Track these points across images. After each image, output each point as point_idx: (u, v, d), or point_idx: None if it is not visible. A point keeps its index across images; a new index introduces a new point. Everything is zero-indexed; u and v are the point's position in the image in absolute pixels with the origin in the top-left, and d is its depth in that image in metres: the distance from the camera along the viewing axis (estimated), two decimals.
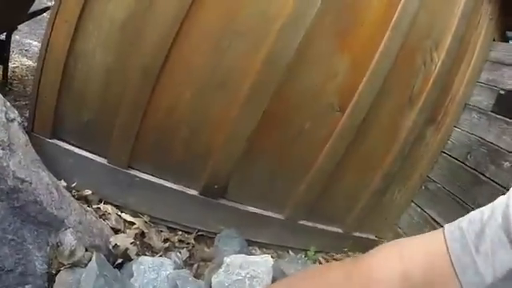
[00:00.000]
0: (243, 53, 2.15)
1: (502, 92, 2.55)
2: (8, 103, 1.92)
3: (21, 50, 4.48)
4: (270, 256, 2.12)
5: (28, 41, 4.81)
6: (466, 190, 2.60)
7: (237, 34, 2.11)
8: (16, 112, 1.95)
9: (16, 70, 3.88)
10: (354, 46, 2.28)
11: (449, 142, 2.85)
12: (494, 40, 2.75)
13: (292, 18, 2.09)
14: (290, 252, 2.82)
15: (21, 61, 4.18)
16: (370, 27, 2.26)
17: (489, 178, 2.46)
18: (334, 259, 2.87)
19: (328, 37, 2.22)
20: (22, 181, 1.71)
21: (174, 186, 2.40)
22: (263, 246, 2.74)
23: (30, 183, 1.74)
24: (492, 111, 2.59)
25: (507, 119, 2.47)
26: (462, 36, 2.54)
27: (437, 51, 2.50)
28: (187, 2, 1.99)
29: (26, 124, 2.18)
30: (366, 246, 2.92)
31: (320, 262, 2.80)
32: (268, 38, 2.12)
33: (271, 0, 2.08)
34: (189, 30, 2.06)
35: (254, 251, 2.65)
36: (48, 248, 1.76)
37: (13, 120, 1.89)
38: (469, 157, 2.66)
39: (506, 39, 2.86)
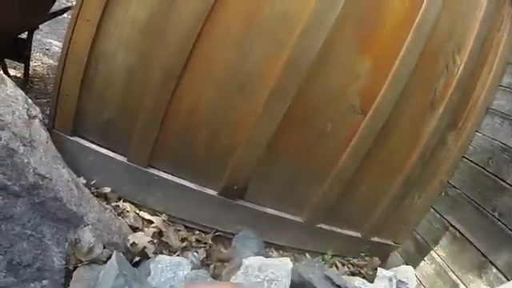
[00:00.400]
0: (265, 55, 2.15)
1: None
2: (30, 100, 1.94)
3: (42, 49, 4.53)
4: (288, 259, 2.11)
5: (49, 40, 4.87)
6: (486, 196, 2.53)
7: (259, 36, 2.10)
8: (37, 109, 1.97)
9: (37, 68, 3.93)
10: (375, 49, 2.26)
11: (470, 146, 2.79)
12: None
13: (314, 20, 2.07)
14: (307, 255, 2.80)
15: (41, 59, 4.23)
16: (392, 30, 2.24)
17: (510, 185, 2.39)
18: (351, 264, 2.84)
19: (350, 39, 2.20)
20: (43, 177, 1.73)
21: (193, 186, 2.40)
22: (280, 248, 2.73)
23: (51, 180, 1.76)
24: None
25: None
26: (485, 39, 2.49)
27: (459, 54, 2.45)
28: (209, 3, 1.99)
29: (46, 121, 2.20)
30: (382, 252, 2.89)
31: (336, 266, 2.77)
32: (290, 41, 2.11)
33: (292, 3, 2.07)
34: (210, 31, 2.06)
35: (270, 253, 2.64)
36: (66, 244, 1.77)
37: (34, 117, 1.91)
38: (490, 162, 2.59)
39: None
